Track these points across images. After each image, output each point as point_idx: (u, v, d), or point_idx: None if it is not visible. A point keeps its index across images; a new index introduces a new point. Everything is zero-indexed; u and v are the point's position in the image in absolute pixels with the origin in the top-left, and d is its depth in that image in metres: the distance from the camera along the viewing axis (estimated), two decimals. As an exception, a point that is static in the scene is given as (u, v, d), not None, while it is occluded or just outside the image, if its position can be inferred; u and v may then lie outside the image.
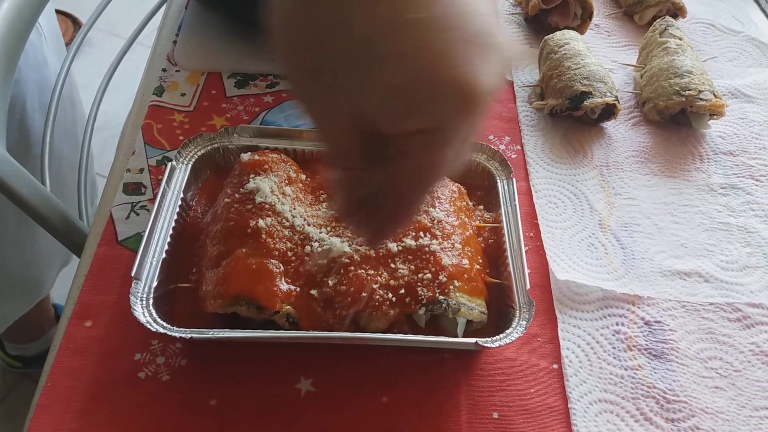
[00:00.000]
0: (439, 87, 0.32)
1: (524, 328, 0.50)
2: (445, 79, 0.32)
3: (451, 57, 0.31)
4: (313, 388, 0.51)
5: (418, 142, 0.34)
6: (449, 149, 0.34)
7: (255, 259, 0.51)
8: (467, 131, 0.35)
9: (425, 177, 0.36)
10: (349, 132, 0.34)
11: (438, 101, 0.32)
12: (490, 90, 0.33)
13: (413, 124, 0.33)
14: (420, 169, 0.35)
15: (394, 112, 0.33)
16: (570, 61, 0.73)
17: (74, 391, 0.50)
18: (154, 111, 0.71)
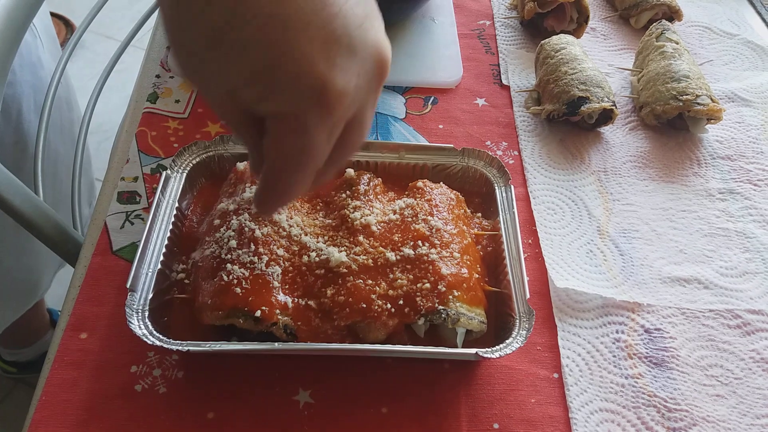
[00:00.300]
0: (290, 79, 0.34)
1: (524, 338, 0.49)
2: (296, 72, 0.34)
3: (304, 53, 0.34)
4: (312, 399, 0.51)
5: (277, 127, 0.36)
6: (311, 138, 0.36)
7: (251, 269, 0.50)
8: (335, 125, 0.37)
9: (288, 160, 0.37)
10: (229, 106, 0.37)
11: (289, 92, 0.34)
12: (350, 88, 0.35)
13: (271, 107, 0.36)
14: (281, 151, 0.37)
15: (251, 95, 0.35)
16: (566, 66, 0.72)
17: (69, 404, 0.50)
18: (148, 118, 0.70)
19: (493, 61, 0.82)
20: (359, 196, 0.57)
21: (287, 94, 0.35)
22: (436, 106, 0.75)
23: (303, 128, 0.36)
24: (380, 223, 0.55)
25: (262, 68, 0.34)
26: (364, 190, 0.57)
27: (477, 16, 0.89)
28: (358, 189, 0.57)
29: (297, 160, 0.37)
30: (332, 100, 0.35)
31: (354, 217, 0.54)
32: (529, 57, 0.81)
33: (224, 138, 0.61)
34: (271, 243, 0.52)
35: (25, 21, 0.66)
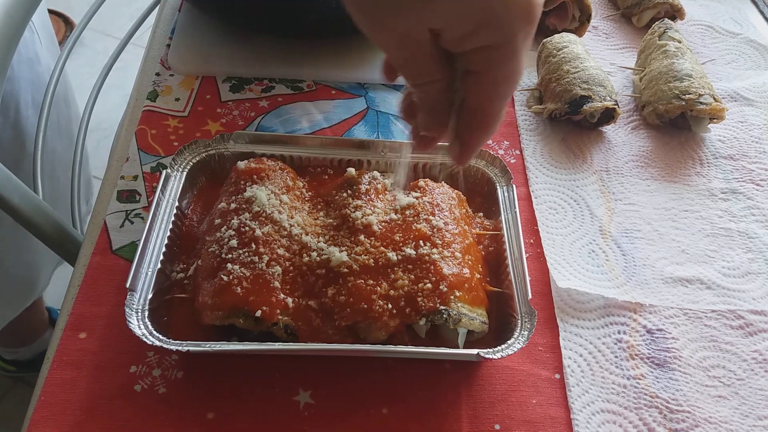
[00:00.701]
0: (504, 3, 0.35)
1: (526, 338, 0.49)
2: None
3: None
4: (312, 400, 0.51)
5: (489, 58, 0.37)
6: (520, 61, 0.38)
7: (252, 269, 0.50)
8: (530, 42, 0.38)
9: (501, 90, 0.39)
10: (427, 50, 0.37)
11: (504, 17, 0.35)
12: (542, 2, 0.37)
13: (482, 41, 0.36)
14: (495, 83, 0.38)
15: (463, 30, 0.36)
16: (569, 65, 0.72)
17: (68, 404, 0.49)
18: (148, 116, 0.70)
19: (495, 59, 0.82)
20: (360, 195, 0.56)
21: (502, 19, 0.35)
22: (438, 105, 0.75)
23: (515, 51, 0.37)
24: (381, 223, 0.55)
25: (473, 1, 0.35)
26: (366, 190, 0.57)
27: (478, 14, 0.89)
28: (359, 188, 0.57)
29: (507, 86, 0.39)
30: (536, 15, 0.36)
31: (355, 217, 0.54)
32: (530, 55, 0.81)
33: (224, 137, 0.61)
34: (271, 242, 0.52)
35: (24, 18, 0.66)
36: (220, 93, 0.73)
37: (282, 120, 0.71)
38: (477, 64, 0.38)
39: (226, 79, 0.75)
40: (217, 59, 0.76)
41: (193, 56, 0.76)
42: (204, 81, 0.74)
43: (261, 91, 0.74)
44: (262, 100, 0.73)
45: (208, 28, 0.79)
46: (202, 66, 0.75)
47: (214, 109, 0.71)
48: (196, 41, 0.78)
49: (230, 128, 0.69)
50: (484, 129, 0.42)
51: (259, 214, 0.53)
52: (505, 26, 0.36)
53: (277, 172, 0.57)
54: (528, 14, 0.36)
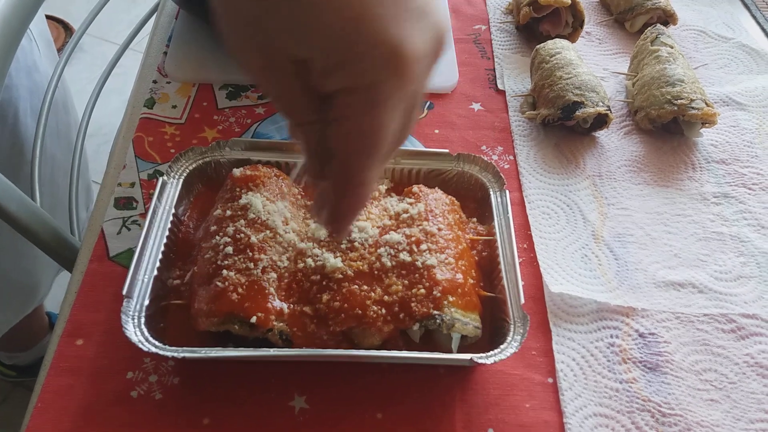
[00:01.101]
0: (366, 45, 0.32)
1: (519, 343, 0.49)
2: (374, 38, 0.32)
3: (378, 15, 0.32)
4: (307, 405, 0.51)
5: (350, 104, 0.34)
6: (388, 113, 0.34)
7: (247, 275, 0.51)
8: (406, 97, 0.34)
9: (361, 142, 0.35)
10: (291, 81, 0.35)
11: (366, 60, 0.32)
12: (421, 55, 0.33)
13: (343, 81, 0.33)
14: (354, 132, 0.34)
15: (325, 64, 0.33)
16: (562, 71, 0.72)
17: (65, 411, 0.50)
18: (145, 124, 0.70)
19: (489, 65, 0.82)
20: (354, 201, 0.57)
21: (362, 62, 0.32)
22: (432, 111, 0.76)
23: (378, 100, 0.33)
24: (376, 228, 0.55)
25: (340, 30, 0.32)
26: (360, 196, 0.57)
27: (473, 20, 0.89)
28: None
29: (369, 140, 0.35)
30: (407, 66, 0.33)
31: (349, 223, 0.55)
32: (524, 61, 0.82)
33: (220, 144, 0.62)
34: (266, 249, 0.52)
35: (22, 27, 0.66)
36: (217, 100, 0.74)
37: (278, 127, 0.72)
38: (341, 109, 0.34)
39: (222, 86, 0.75)
40: (214, 66, 0.77)
41: (190, 64, 0.77)
42: (201, 88, 0.75)
43: (257, 98, 0.74)
44: (259, 106, 0.73)
45: (205, 36, 0.80)
46: (198, 73, 0.76)
47: (211, 116, 0.72)
48: (193, 49, 0.78)
49: (227, 135, 0.70)
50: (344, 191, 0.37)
51: (254, 221, 0.54)
52: (365, 69, 0.32)
53: (272, 179, 0.58)
54: (395, 62, 0.32)
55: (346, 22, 0.32)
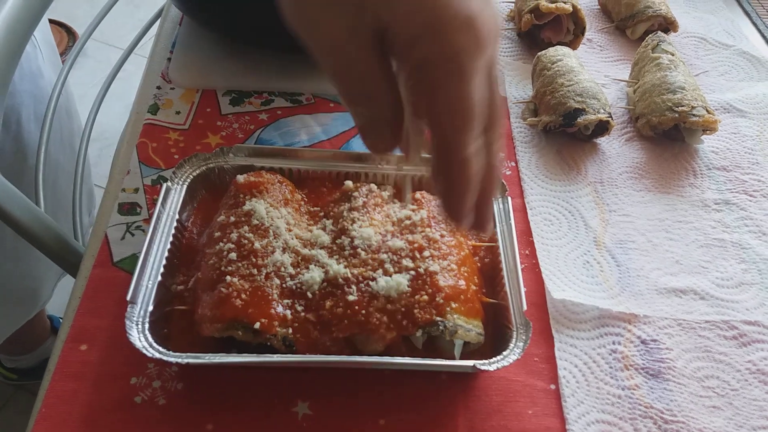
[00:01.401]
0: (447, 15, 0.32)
1: (521, 350, 0.50)
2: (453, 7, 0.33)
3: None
4: (310, 411, 0.51)
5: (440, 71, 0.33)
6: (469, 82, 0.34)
7: (251, 282, 0.51)
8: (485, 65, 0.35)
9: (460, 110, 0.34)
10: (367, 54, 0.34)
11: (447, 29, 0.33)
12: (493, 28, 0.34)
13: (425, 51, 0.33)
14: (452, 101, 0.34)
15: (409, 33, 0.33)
16: (563, 78, 0.73)
17: (69, 416, 0.50)
18: (149, 129, 0.71)
19: (491, 72, 0.83)
20: (358, 207, 0.57)
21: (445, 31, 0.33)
22: (434, 118, 0.76)
23: (461, 71, 0.33)
24: (378, 235, 0.55)
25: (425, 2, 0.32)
26: (363, 202, 0.58)
27: (475, 27, 0.90)
28: (356, 201, 0.57)
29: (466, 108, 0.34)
30: (484, 35, 0.33)
31: (352, 229, 0.55)
32: (526, 68, 0.82)
33: (224, 150, 0.62)
34: (270, 255, 0.52)
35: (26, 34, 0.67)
36: (221, 106, 0.74)
37: (281, 133, 0.72)
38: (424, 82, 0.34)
39: (226, 92, 0.76)
40: (218, 73, 0.77)
41: (194, 70, 0.77)
42: (204, 94, 0.75)
43: (261, 104, 0.75)
44: (262, 113, 0.74)
45: (209, 42, 0.80)
46: (202, 79, 0.77)
47: (215, 122, 0.72)
48: (197, 55, 0.79)
49: (230, 141, 0.70)
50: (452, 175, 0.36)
51: (257, 227, 0.54)
52: (447, 39, 0.33)
53: (275, 185, 0.58)
54: (473, 30, 0.33)
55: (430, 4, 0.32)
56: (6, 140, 0.84)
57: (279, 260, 0.52)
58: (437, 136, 0.36)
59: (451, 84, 0.34)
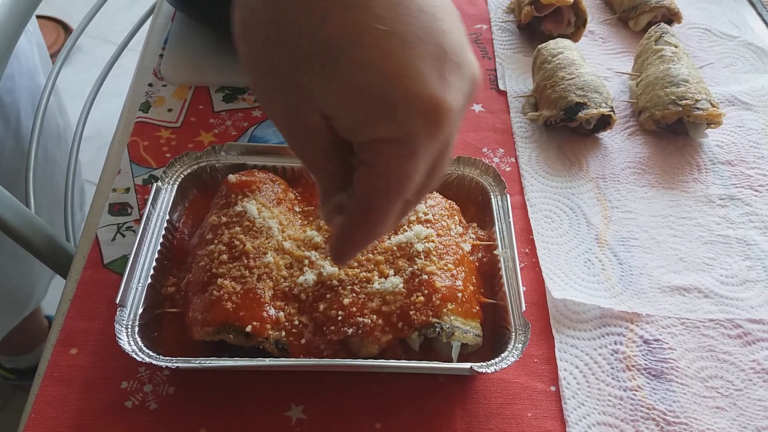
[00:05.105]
0: (405, 99, 0.32)
1: (520, 351, 0.48)
2: (412, 91, 0.32)
3: (420, 71, 0.32)
4: (304, 415, 0.50)
5: (381, 152, 0.33)
6: (417, 164, 0.34)
7: (242, 284, 0.50)
8: (438, 149, 0.34)
9: (389, 188, 0.35)
10: (315, 134, 0.34)
11: (403, 113, 0.32)
12: (458, 108, 0.33)
13: (377, 132, 0.33)
14: (383, 178, 0.34)
15: (358, 119, 0.33)
16: (564, 71, 0.71)
17: (59, 422, 0.49)
18: (141, 128, 0.69)
19: (490, 65, 0.81)
20: (352, 206, 0.56)
21: (400, 116, 0.32)
22: (432, 113, 0.74)
23: (411, 152, 0.33)
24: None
25: (377, 89, 0.32)
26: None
27: (474, 20, 0.88)
28: (351, 200, 0.56)
29: (397, 187, 0.34)
30: (444, 119, 0.33)
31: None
32: (526, 61, 0.80)
33: (216, 148, 0.61)
34: (262, 256, 0.51)
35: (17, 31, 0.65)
36: (213, 103, 0.73)
37: (275, 130, 0.70)
38: (370, 155, 0.34)
39: (219, 88, 0.74)
40: (211, 69, 0.76)
41: (186, 66, 0.76)
42: (197, 91, 0.74)
43: (254, 101, 0.73)
44: (256, 109, 0.72)
45: (201, 38, 0.79)
46: (195, 76, 0.75)
47: (207, 119, 0.71)
48: (189, 51, 0.77)
49: (223, 139, 0.69)
50: (364, 226, 0.37)
51: (249, 228, 0.53)
52: (403, 122, 0.32)
53: (268, 185, 0.57)
54: (432, 115, 0.32)
55: (385, 79, 0.31)
56: (6, 137, 0.83)
57: (271, 262, 0.51)
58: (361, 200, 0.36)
59: (400, 161, 0.33)
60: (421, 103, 0.32)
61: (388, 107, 0.32)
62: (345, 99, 0.32)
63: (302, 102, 0.33)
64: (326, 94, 0.32)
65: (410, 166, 0.34)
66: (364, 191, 0.35)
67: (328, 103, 0.33)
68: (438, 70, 0.32)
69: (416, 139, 0.33)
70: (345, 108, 0.33)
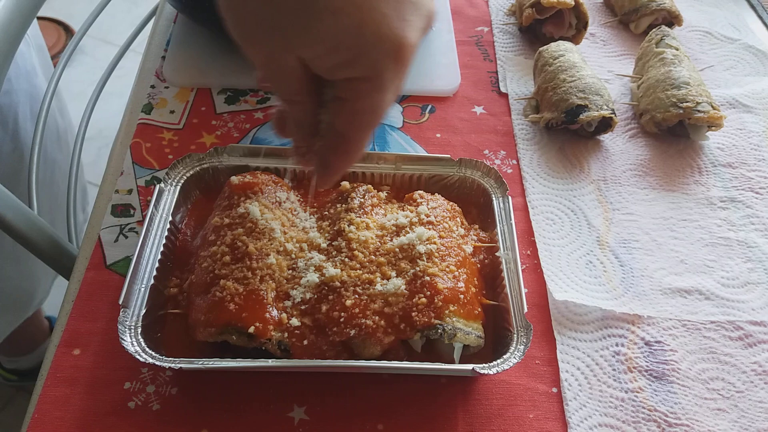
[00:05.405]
0: (374, 41, 0.36)
1: (522, 353, 0.49)
2: (379, 34, 0.36)
3: (384, 14, 0.36)
4: (307, 416, 0.50)
5: (356, 89, 0.38)
6: (386, 95, 0.39)
7: (245, 285, 0.50)
8: (399, 79, 0.39)
9: (365, 119, 0.40)
10: (292, 73, 0.39)
11: (373, 54, 0.37)
12: (417, 43, 0.38)
13: (351, 72, 0.38)
14: (359, 112, 0.40)
15: (333, 62, 0.37)
16: (565, 74, 0.71)
17: (62, 422, 0.49)
18: (143, 129, 0.70)
19: (492, 68, 0.81)
20: (355, 208, 0.56)
21: (369, 57, 0.37)
22: (434, 115, 0.75)
23: (381, 87, 0.38)
24: (376, 237, 0.54)
25: (347, 34, 0.36)
26: (360, 203, 0.56)
27: (475, 22, 0.88)
28: (353, 201, 0.56)
29: (371, 118, 0.40)
30: (407, 56, 0.37)
31: (349, 230, 0.54)
32: (527, 64, 0.81)
33: (218, 150, 0.61)
34: (265, 258, 0.51)
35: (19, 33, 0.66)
36: (215, 105, 0.73)
37: (277, 131, 0.71)
38: (345, 92, 0.39)
39: (221, 90, 0.75)
40: (213, 71, 0.76)
41: (189, 68, 0.76)
42: (199, 93, 0.74)
43: (256, 103, 0.73)
44: (258, 111, 0.73)
45: (204, 40, 0.79)
46: (197, 78, 0.75)
47: (209, 121, 0.71)
48: (192, 53, 0.78)
49: (225, 140, 0.69)
50: (346, 153, 0.43)
51: (252, 230, 0.53)
52: (373, 62, 0.37)
53: (270, 186, 0.57)
54: (397, 53, 0.37)
55: (356, 24, 0.36)
56: (4, 139, 0.83)
57: (274, 263, 0.51)
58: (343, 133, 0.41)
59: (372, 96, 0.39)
60: (389, 43, 0.37)
61: (359, 49, 0.36)
62: (320, 44, 0.36)
63: (280, 45, 0.37)
64: (303, 40, 0.36)
65: (380, 98, 0.39)
66: (342, 124, 0.40)
67: (306, 48, 0.37)
68: (398, 11, 0.37)
69: (384, 75, 0.38)
70: (321, 52, 0.37)
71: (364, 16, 0.36)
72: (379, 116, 0.40)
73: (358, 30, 0.36)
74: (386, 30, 0.36)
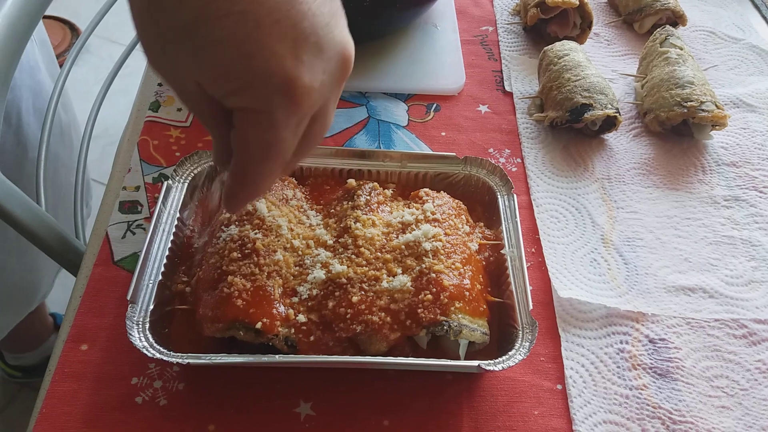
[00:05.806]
0: (262, 75, 0.35)
1: (527, 350, 0.49)
2: (265, 70, 0.35)
3: (274, 51, 0.35)
4: (313, 411, 0.51)
5: (245, 118, 0.38)
6: (278, 133, 0.37)
7: (253, 281, 0.50)
8: (302, 120, 0.38)
9: (257, 153, 0.39)
10: (193, 97, 0.38)
11: (262, 87, 0.36)
12: (317, 85, 0.37)
13: (240, 102, 0.37)
14: (251, 144, 0.38)
15: (223, 89, 0.37)
16: (570, 73, 0.72)
17: (70, 417, 0.49)
18: (150, 127, 0.70)
19: (496, 67, 0.82)
20: (361, 206, 0.56)
21: (257, 90, 0.36)
22: (439, 114, 0.75)
23: (271, 123, 0.37)
24: (382, 234, 0.55)
25: (233, 65, 0.35)
26: (366, 200, 0.57)
27: (480, 22, 0.89)
28: (359, 199, 0.57)
29: (265, 153, 0.38)
30: (300, 96, 0.36)
31: (356, 228, 0.54)
32: (532, 63, 0.81)
33: (225, 147, 0.61)
34: (272, 254, 0.52)
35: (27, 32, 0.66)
36: (222, 103, 0.73)
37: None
38: (237, 121, 0.38)
39: (227, 88, 0.75)
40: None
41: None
42: (206, 91, 0.74)
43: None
44: (264, 109, 0.73)
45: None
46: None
47: (216, 119, 0.71)
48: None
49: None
50: (243, 185, 0.41)
51: (259, 226, 0.53)
52: (262, 95, 0.36)
53: (277, 183, 0.57)
54: (288, 91, 0.36)
55: (243, 56, 0.35)
56: (7, 134, 0.83)
57: (281, 259, 0.52)
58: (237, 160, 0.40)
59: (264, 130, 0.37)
60: (277, 80, 0.35)
61: (248, 79, 0.36)
62: (206, 71, 0.36)
63: (176, 73, 0.37)
64: (190, 66, 0.36)
65: (271, 135, 0.37)
66: (237, 153, 0.40)
67: (198, 72, 0.36)
68: (293, 51, 0.35)
69: (274, 112, 0.36)
70: (208, 79, 0.37)
71: (249, 50, 0.34)
72: (275, 154, 0.38)
73: (246, 62, 0.35)
74: (275, 67, 0.35)
